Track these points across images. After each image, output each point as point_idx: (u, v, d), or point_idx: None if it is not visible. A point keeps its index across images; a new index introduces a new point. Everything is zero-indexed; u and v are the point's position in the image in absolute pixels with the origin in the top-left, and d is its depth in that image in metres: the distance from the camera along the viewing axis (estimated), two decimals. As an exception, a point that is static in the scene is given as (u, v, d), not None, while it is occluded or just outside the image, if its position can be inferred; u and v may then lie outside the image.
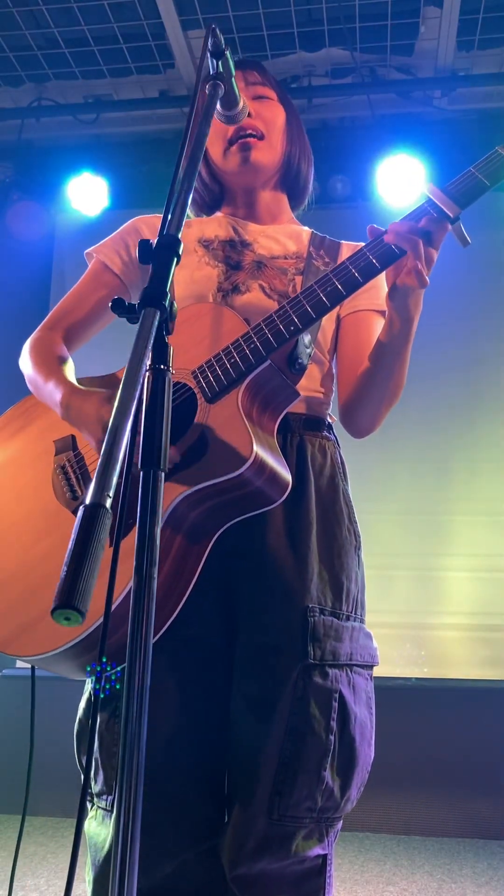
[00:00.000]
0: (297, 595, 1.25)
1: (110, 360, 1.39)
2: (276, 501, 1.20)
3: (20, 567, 1.26)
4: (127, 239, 1.51)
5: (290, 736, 1.21)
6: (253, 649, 1.26)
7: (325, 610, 1.26)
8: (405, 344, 1.30)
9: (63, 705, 1.78)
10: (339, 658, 1.26)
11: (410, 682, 3.59)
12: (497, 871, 3.03)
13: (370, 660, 1.32)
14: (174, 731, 1.25)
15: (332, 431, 1.44)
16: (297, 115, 1.56)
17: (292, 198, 1.58)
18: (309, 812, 1.21)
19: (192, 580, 1.18)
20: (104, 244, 1.52)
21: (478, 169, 1.20)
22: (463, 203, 1.18)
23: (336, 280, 1.21)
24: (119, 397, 0.75)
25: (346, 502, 1.37)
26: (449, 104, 3.92)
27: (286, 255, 1.45)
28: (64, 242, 4.35)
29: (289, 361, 1.28)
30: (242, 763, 1.24)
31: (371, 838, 3.40)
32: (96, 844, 1.26)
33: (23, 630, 1.19)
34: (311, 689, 1.22)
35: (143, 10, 3.50)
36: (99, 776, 1.27)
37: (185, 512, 1.16)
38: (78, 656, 1.15)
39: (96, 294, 1.48)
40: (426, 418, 3.85)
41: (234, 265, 1.42)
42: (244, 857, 1.19)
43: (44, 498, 1.31)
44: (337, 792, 1.23)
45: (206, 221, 1.52)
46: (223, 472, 1.13)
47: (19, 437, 1.42)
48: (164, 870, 1.22)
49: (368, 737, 1.29)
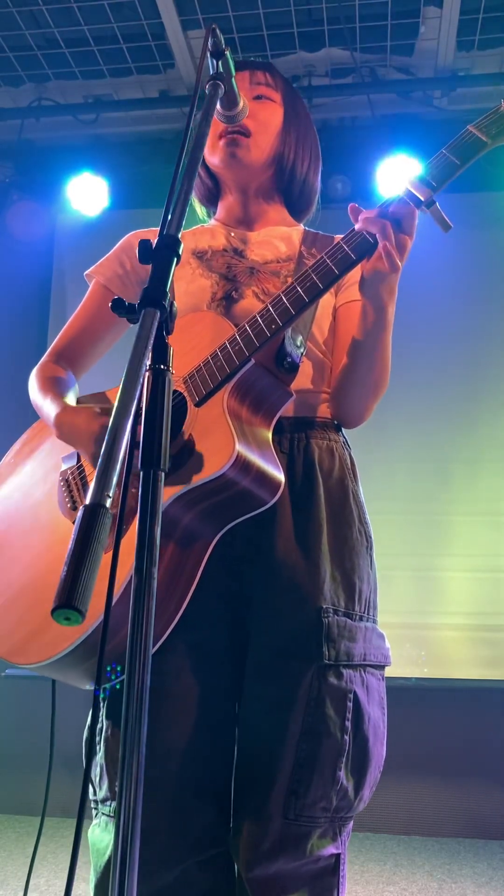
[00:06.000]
0: (310, 596, 1.25)
1: (110, 361, 1.40)
2: (267, 503, 1.19)
3: (27, 581, 1.28)
4: (122, 256, 1.52)
5: (305, 736, 1.21)
6: (266, 651, 1.25)
7: (338, 610, 1.26)
8: (382, 333, 1.30)
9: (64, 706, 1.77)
10: (353, 658, 1.26)
11: (410, 682, 3.59)
12: (497, 871, 3.03)
13: (383, 660, 1.33)
14: (178, 737, 1.24)
15: (340, 432, 1.43)
16: (303, 120, 1.53)
17: (291, 202, 1.55)
18: (324, 812, 1.21)
19: (192, 584, 1.17)
20: (101, 265, 1.53)
21: (449, 150, 1.20)
22: (434, 185, 1.18)
23: (314, 275, 1.21)
24: (119, 397, 0.75)
25: (357, 503, 1.36)
26: (449, 104, 3.92)
27: (278, 259, 1.45)
28: (64, 242, 4.35)
29: (277, 360, 1.27)
30: (256, 764, 1.23)
31: (371, 838, 3.40)
32: (98, 850, 1.25)
33: (27, 640, 1.20)
34: (325, 689, 1.22)
35: (143, 10, 3.50)
36: (103, 783, 1.26)
37: (176, 516, 1.16)
38: (81, 661, 1.15)
39: (98, 316, 1.50)
40: (426, 418, 3.85)
41: (227, 275, 1.42)
42: (260, 857, 1.19)
43: (50, 512, 1.33)
44: (351, 792, 1.23)
45: (199, 232, 1.52)
46: (206, 473, 1.13)
47: (33, 457, 1.46)
48: (165, 878, 1.21)
49: (381, 737, 1.29)
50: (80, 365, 1.49)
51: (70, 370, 1.47)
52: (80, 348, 1.49)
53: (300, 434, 1.35)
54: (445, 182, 1.19)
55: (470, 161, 1.20)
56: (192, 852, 1.23)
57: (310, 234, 1.50)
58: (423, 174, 1.19)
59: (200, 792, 1.24)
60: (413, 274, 1.22)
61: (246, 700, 1.27)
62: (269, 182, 1.51)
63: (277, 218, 1.53)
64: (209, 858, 1.24)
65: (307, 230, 1.52)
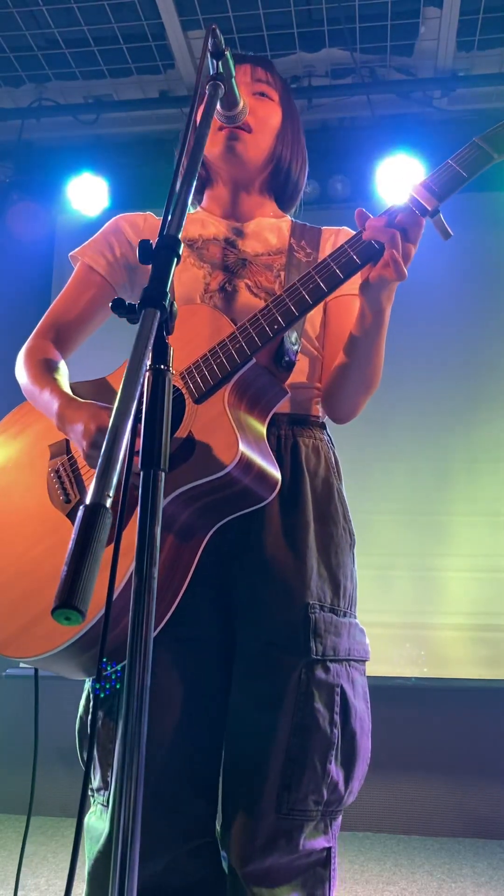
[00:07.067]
0: (297, 592, 1.27)
1: (110, 361, 1.40)
2: (265, 499, 1.21)
3: (17, 571, 1.27)
4: (110, 238, 1.51)
5: (295, 731, 1.23)
6: (254, 647, 1.27)
7: (324, 606, 1.28)
8: (377, 335, 1.31)
9: (63, 705, 1.78)
10: (338, 653, 1.28)
11: (410, 681, 3.59)
12: (497, 871, 3.03)
13: (365, 655, 1.35)
14: (167, 729, 1.26)
15: (325, 430, 1.45)
16: (297, 121, 1.55)
17: (281, 202, 1.57)
18: (315, 805, 1.23)
19: (186, 578, 1.18)
20: (87, 246, 1.53)
21: (455, 161, 1.21)
22: (441, 195, 1.19)
23: (318, 277, 1.22)
24: (119, 397, 0.75)
25: (341, 501, 1.39)
26: (449, 104, 3.92)
27: (269, 252, 1.46)
28: (64, 242, 4.35)
29: (275, 359, 1.29)
30: (247, 758, 1.25)
31: (371, 838, 3.40)
32: (93, 838, 1.28)
33: (21, 632, 1.20)
34: (314, 683, 1.24)
35: (143, 10, 3.51)
36: (96, 773, 1.29)
37: (175, 512, 1.17)
38: (76, 655, 1.16)
39: (84, 297, 1.49)
40: (426, 418, 3.85)
41: (219, 265, 1.43)
42: (254, 852, 1.21)
43: (39, 502, 1.33)
44: (341, 785, 1.26)
45: (188, 220, 1.51)
46: (210, 472, 1.14)
47: (16, 442, 1.44)
48: (155, 866, 1.24)
49: (367, 730, 1.32)
50: (66, 346, 1.47)
51: (58, 350, 1.46)
52: (67, 330, 1.47)
53: (288, 432, 1.36)
54: (451, 193, 1.20)
55: (476, 174, 1.21)
56: (181, 841, 1.26)
57: (298, 226, 1.52)
58: (429, 184, 1.20)
59: (190, 783, 1.27)
60: (413, 274, 1.22)
61: (234, 694, 1.29)
62: (263, 179, 1.52)
63: (267, 210, 1.54)
64: (197, 847, 1.27)
65: (295, 221, 1.54)
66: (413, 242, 1.20)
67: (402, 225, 1.19)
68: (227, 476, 1.14)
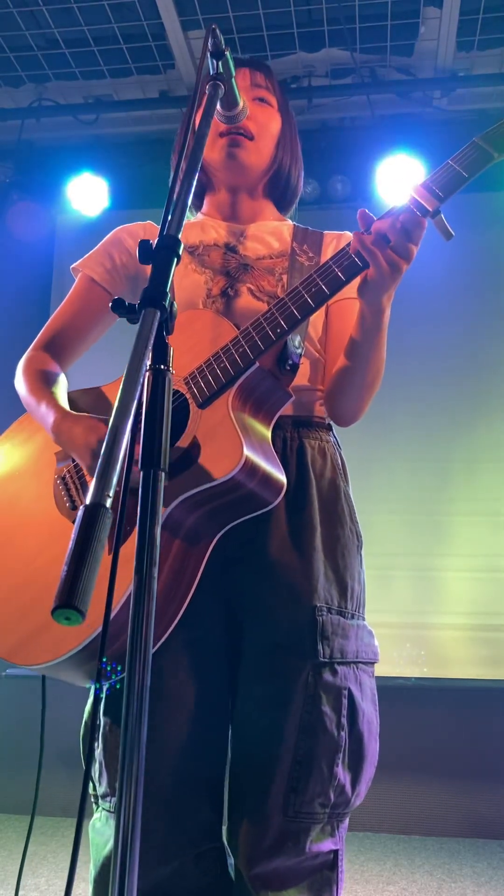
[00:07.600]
0: (304, 595, 1.26)
1: (110, 362, 1.40)
2: (271, 503, 1.21)
3: (24, 579, 1.27)
4: (111, 250, 1.51)
5: (303, 733, 1.22)
6: (262, 650, 1.27)
7: (332, 609, 1.28)
8: (378, 336, 1.31)
9: (64, 706, 1.78)
10: (346, 656, 1.27)
11: (410, 681, 3.59)
12: (497, 871, 3.03)
13: (373, 657, 1.34)
14: (176, 734, 1.25)
15: (331, 432, 1.44)
16: (294, 125, 1.56)
17: (280, 205, 1.57)
18: (322, 808, 1.23)
19: (192, 584, 1.18)
20: (89, 258, 1.53)
21: (456, 161, 1.21)
22: (441, 196, 1.19)
23: (320, 280, 1.22)
24: (119, 398, 0.75)
25: (348, 503, 1.38)
26: (449, 104, 3.92)
27: (271, 255, 1.46)
28: (64, 243, 4.35)
29: (279, 363, 1.29)
30: (254, 761, 1.25)
31: (371, 838, 3.40)
32: (98, 845, 1.27)
33: (27, 640, 1.20)
34: (321, 686, 1.24)
35: (143, 10, 3.50)
36: (103, 778, 1.27)
37: (181, 517, 1.17)
38: (83, 664, 1.16)
39: (85, 308, 1.49)
40: (426, 418, 3.85)
41: (220, 270, 1.43)
42: (261, 854, 1.21)
43: (46, 509, 1.33)
44: (348, 787, 1.25)
45: (187, 227, 1.51)
46: (214, 477, 1.14)
47: (22, 450, 1.44)
48: (162, 872, 1.23)
49: (375, 732, 1.31)
50: (65, 358, 1.48)
51: (57, 362, 1.46)
52: (67, 341, 1.48)
53: (294, 434, 1.36)
54: (452, 194, 1.20)
55: (477, 174, 1.21)
56: (187, 847, 1.25)
57: (300, 230, 1.52)
58: (429, 184, 1.20)
59: (195, 787, 1.26)
60: (413, 274, 1.22)
61: (241, 697, 1.29)
62: (263, 185, 1.52)
63: (267, 214, 1.54)
64: (204, 852, 1.26)
65: (296, 226, 1.54)
66: (415, 244, 1.20)
67: (403, 226, 1.18)
68: (231, 480, 1.14)
